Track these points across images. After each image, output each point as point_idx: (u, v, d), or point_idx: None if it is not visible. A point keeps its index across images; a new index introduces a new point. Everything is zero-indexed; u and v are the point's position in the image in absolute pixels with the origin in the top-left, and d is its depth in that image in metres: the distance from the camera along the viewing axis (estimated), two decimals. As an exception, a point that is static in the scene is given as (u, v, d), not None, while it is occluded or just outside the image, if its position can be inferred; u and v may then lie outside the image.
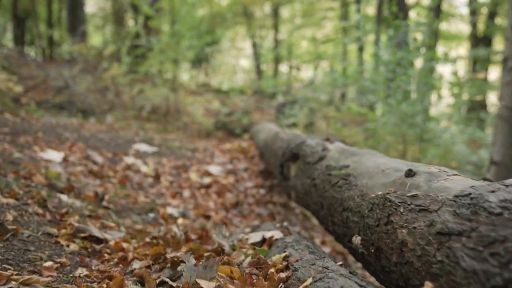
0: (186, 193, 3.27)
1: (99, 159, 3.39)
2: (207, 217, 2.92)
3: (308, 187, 1.92)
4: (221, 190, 3.53)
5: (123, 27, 14.33)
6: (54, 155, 3.15)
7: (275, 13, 18.84)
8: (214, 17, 17.63)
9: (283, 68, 21.23)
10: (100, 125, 5.37)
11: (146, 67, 7.87)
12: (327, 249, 3.10)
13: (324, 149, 2.00)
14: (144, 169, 3.54)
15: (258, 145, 4.89)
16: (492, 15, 13.11)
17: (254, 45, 18.64)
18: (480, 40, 13.86)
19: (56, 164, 2.83)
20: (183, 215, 2.78)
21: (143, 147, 4.13)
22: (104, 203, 2.25)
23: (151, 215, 2.45)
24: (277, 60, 19.29)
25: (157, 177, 3.45)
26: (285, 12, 20.29)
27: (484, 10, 13.72)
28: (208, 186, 3.54)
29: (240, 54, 23.90)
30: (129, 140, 4.28)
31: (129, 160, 3.63)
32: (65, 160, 3.14)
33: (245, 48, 23.69)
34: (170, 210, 2.75)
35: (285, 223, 1.96)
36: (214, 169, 4.02)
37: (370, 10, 17.31)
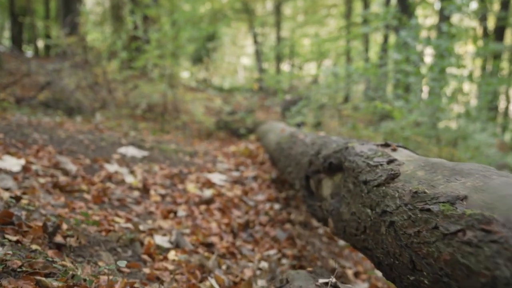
0: (182, 212, 2.56)
1: (72, 167, 2.68)
2: (209, 246, 2.21)
3: (371, 223, 1.20)
4: (226, 206, 2.82)
5: (121, 23, 13.64)
6: (11, 163, 2.44)
7: (277, 10, 18.19)
8: (215, 13, 17.03)
9: (285, 66, 20.59)
10: (85, 124, 4.66)
11: (143, 61, 7.16)
12: (364, 285, 2.39)
13: (391, 161, 1.29)
14: (129, 179, 2.83)
15: (268, 148, 4.17)
16: (505, 5, 12.28)
17: (256, 43, 17.99)
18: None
19: (6, 177, 2.12)
20: (177, 245, 2.07)
21: (131, 151, 3.41)
22: (58, 238, 1.54)
23: (128, 253, 1.74)
24: (279, 59, 18.62)
25: (145, 190, 2.74)
26: (287, 9, 19.65)
27: (494, 7, 12.97)
28: (209, 201, 2.82)
29: (242, 52, 23.27)
30: (114, 143, 3.57)
31: (111, 167, 2.92)
32: (25, 169, 2.43)
33: (246, 46, 23.05)
34: (158, 239, 2.04)
35: (332, 279, 1.25)
36: (217, 177, 3.31)
37: (375, 8, 16.64)
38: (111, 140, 3.60)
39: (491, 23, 13.46)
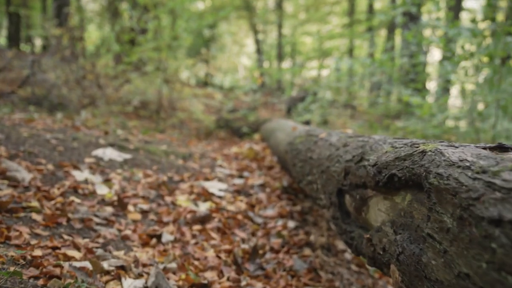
0: (168, 235, 1.92)
1: (25, 175, 2.05)
2: (203, 288, 1.57)
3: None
4: (227, 225, 2.18)
5: (119, 19, 13.08)
6: None
7: (279, 7, 17.60)
8: (215, 11, 16.49)
9: (287, 65, 20.02)
10: (63, 122, 4.03)
11: (137, 54, 6.53)
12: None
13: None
14: (102, 190, 2.19)
15: (276, 149, 3.54)
16: None
17: (257, 38, 17.41)
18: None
19: None
20: (156, 291, 1.43)
21: (109, 153, 2.78)
22: None
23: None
24: (281, 57, 18.01)
25: (121, 204, 2.10)
26: (289, 6, 19.07)
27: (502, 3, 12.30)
28: (205, 219, 2.19)
29: (243, 51, 22.70)
30: (90, 143, 2.93)
31: (80, 175, 2.28)
32: (-44, 179, 1.80)
33: (247, 46, 22.47)
34: (128, 284, 1.40)
35: None
36: (215, 186, 2.68)
37: (378, 5, 16.06)
38: (86, 139, 2.96)
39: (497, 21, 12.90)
